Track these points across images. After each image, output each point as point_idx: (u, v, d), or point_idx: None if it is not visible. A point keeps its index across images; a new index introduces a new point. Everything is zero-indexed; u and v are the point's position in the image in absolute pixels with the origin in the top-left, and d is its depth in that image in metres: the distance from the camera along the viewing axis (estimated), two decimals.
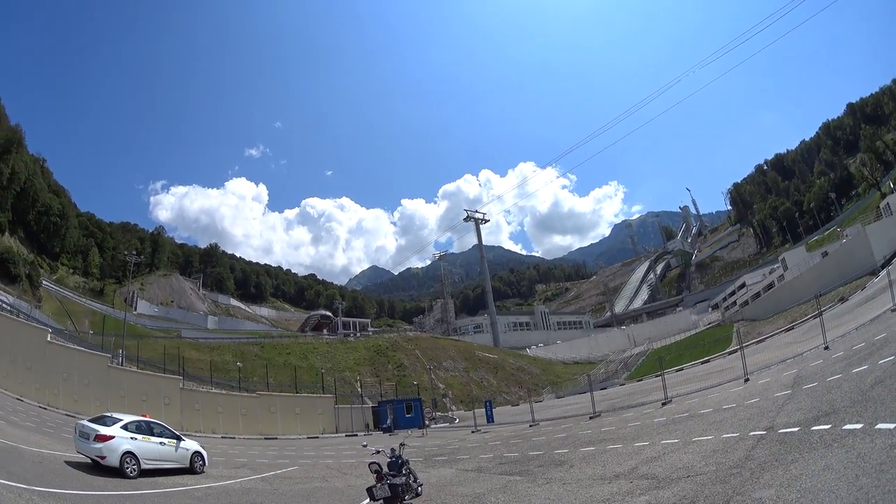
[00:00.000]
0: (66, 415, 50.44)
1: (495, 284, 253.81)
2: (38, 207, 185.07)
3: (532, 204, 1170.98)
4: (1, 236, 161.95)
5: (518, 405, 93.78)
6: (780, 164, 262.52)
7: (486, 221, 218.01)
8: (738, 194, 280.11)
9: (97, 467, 22.72)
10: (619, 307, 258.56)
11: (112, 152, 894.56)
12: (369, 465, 16.77)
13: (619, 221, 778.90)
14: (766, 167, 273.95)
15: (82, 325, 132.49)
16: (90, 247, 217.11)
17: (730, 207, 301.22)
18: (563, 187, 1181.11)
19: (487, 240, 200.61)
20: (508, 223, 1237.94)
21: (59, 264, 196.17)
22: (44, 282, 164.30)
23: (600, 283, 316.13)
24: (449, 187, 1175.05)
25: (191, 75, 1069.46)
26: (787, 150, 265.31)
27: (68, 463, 23.48)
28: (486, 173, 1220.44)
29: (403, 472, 16.88)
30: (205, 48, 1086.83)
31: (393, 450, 17.55)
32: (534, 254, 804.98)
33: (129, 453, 23.18)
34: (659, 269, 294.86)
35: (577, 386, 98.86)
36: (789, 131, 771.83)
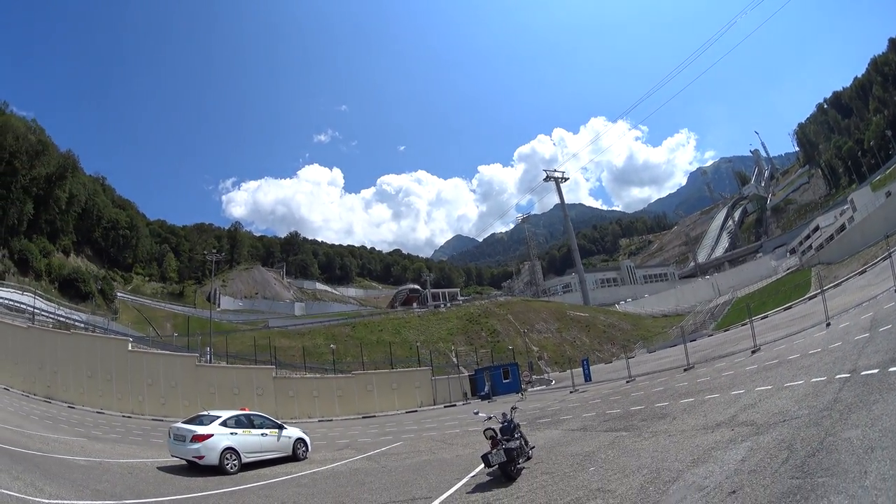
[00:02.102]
0: (154, 419, 51.77)
1: (580, 242, 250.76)
2: (103, 224, 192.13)
3: (608, 159, 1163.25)
4: (66, 258, 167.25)
5: (611, 362, 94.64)
6: (839, 102, 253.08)
7: (566, 180, 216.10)
8: (803, 135, 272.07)
9: (194, 468, 22.71)
10: (701, 256, 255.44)
11: (175, 159, 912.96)
12: (484, 431, 17.34)
13: (694, 169, 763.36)
14: (825, 105, 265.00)
15: (164, 329, 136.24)
16: (165, 252, 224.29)
17: (797, 149, 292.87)
18: (637, 139, 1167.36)
19: (567, 198, 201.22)
20: (586, 180, 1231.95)
21: (133, 274, 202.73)
22: (118, 294, 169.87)
23: (682, 234, 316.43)
24: (524, 149, 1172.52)
25: (245, 71, 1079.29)
26: (843, 88, 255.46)
27: (161, 469, 23.27)
28: (558, 132, 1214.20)
29: (516, 435, 17.05)
30: (253, 42, 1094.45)
31: (504, 415, 17.97)
32: (614, 208, 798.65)
33: (229, 449, 23.24)
34: (736, 215, 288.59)
35: (668, 339, 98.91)
36: (843, 67, 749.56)
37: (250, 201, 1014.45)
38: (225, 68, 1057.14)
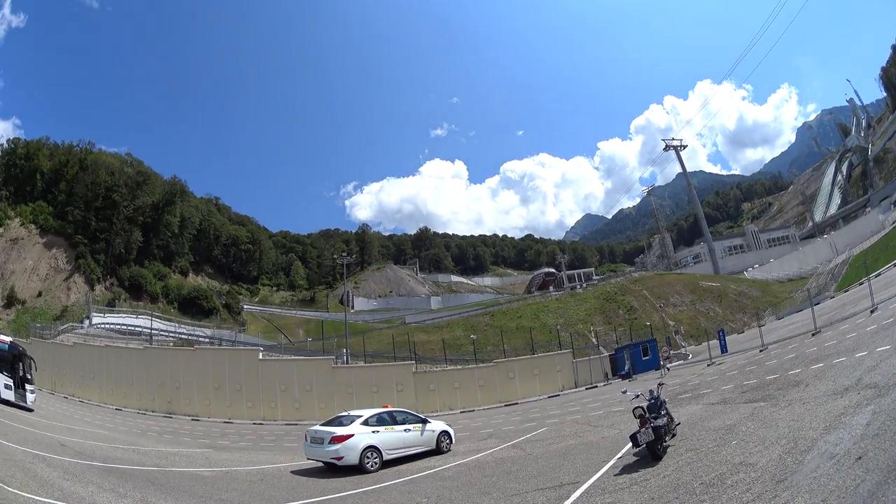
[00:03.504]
0: (287, 424, 52.84)
1: (704, 210, 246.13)
2: (222, 241, 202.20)
3: (720, 122, 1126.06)
4: (185, 279, 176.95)
5: (744, 332, 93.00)
6: None
7: (684, 147, 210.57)
8: (887, 79, 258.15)
9: (332, 470, 22.87)
10: (817, 215, 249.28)
11: (291, 171, 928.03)
12: (633, 410, 18.11)
13: (800, 125, 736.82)
14: None
15: (296, 336, 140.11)
16: (291, 261, 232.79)
17: (884, 94, 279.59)
18: (743, 98, 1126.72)
19: (687, 166, 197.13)
20: (703, 146, 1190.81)
21: (260, 286, 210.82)
22: (244, 306, 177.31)
23: (798, 193, 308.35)
24: (639, 121, 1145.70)
25: (348, 77, 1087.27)
26: None
27: (295, 473, 23.41)
28: (669, 100, 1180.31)
29: (662, 412, 17.54)
30: (353, 48, 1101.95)
31: (651, 392, 18.66)
32: (733, 172, 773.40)
33: (370, 448, 23.33)
34: (844, 169, 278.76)
35: (794, 304, 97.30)
36: None
37: (375, 203, 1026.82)
38: (328, 77, 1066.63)
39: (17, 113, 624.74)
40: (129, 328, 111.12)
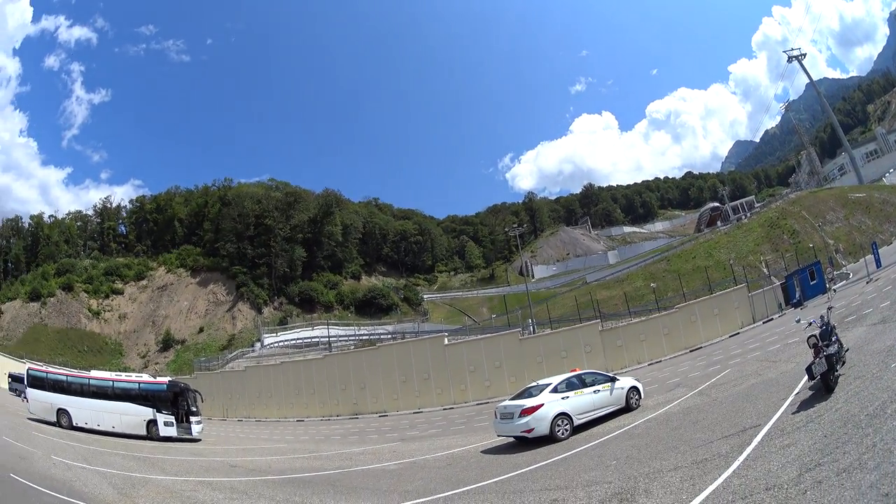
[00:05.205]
0: (478, 404, 53.55)
1: (837, 118, 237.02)
2: (390, 238, 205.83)
3: (826, 25, 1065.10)
4: (358, 282, 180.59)
5: (892, 243, 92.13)
6: None
7: (804, 56, 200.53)
8: None
9: (524, 443, 22.96)
10: None
11: (446, 157, 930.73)
12: (807, 339, 18.41)
13: (888, 15, 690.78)
14: None
15: (480, 315, 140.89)
16: (464, 244, 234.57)
17: None
18: None
19: (812, 74, 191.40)
20: (819, 52, 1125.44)
21: (436, 273, 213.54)
22: (424, 296, 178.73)
23: None
24: (757, 37, 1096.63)
25: (475, 55, 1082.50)
26: None
27: (485, 452, 23.95)
28: (777, 10, 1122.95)
29: (833, 339, 17.63)
30: (474, 26, 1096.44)
31: (822, 318, 18.69)
32: (852, 75, 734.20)
33: (560, 415, 23.13)
34: None
35: None
36: None
37: (534, 170, 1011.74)
38: (457, 60, 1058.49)
39: (136, 175, 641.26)
40: (305, 341, 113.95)
